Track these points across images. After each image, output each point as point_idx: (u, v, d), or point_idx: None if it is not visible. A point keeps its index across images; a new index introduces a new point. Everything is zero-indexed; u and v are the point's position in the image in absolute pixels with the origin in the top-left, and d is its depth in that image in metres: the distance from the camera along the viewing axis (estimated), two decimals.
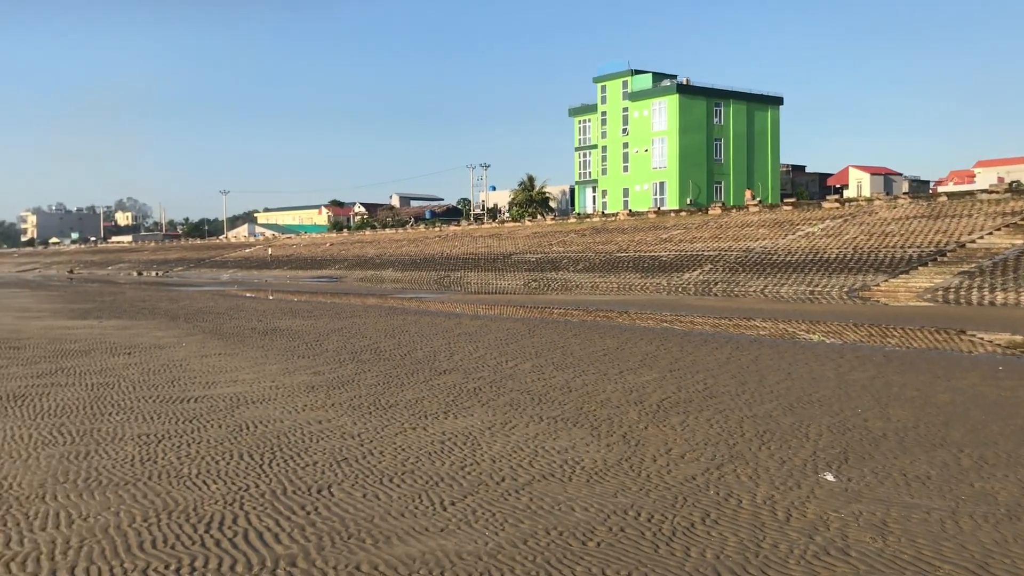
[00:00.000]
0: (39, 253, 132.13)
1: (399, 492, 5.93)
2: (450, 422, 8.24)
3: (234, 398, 9.64)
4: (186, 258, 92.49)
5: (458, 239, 67.66)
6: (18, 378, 11.29)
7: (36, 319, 21.89)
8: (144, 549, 4.84)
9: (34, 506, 5.64)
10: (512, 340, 15.59)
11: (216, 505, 5.65)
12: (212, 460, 6.84)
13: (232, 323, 20.06)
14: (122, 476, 6.37)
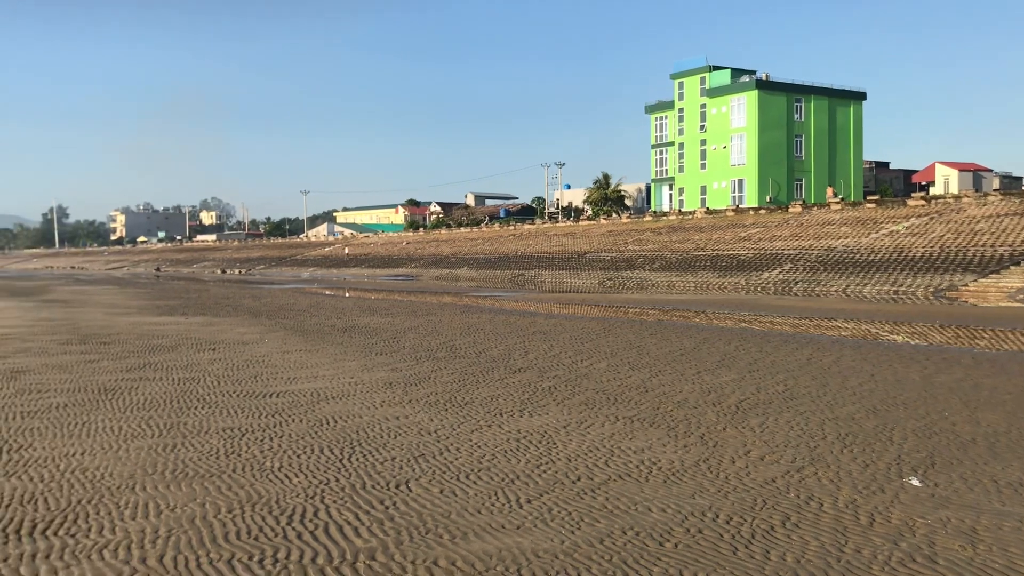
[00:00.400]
0: (127, 251, 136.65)
1: (475, 489, 5.98)
2: (525, 420, 8.27)
3: (315, 393, 9.83)
4: (267, 256, 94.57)
5: (532, 238, 67.73)
6: (109, 372, 11.71)
7: (125, 315, 22.66)
8: (229, 540, 4.97)
9: (125, 496, 5.85)
10: (587, 339, 15.55)
11: (298, 498, 5.77)
12: (294, 454, 6.99)
13: (312, 320, 20.45)
14: (208, 468, 6.56)
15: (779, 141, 72.14)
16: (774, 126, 71.81)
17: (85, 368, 12.07)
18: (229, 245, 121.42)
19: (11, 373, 11.59)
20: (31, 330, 18.09)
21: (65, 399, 9.59)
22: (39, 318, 21.55)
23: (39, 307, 26.19)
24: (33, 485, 6.13)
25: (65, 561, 4.67)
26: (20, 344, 15.24)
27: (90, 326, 19.02)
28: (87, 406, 9.17)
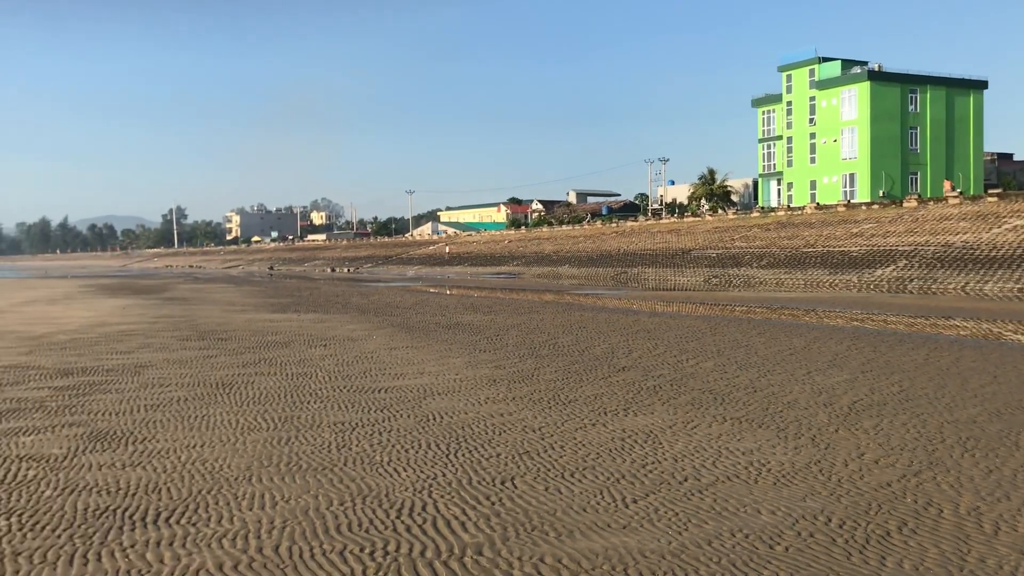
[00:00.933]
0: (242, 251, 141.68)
1: (580, 487, 5.97)
2: (630, 419, 8.21)
3: (421, 389, 9.99)
4: (375, 255, 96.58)
5: (635, 235, 67.18)
6: (226, 367, 12.16)
7: (241, 312, 23.49)
8: (341, 532, 5.11)
9: (242, 487, 6.07)
10: (692, 338, 15.34)
11: (406, 492, 5.88)
12: (402, 448, 7.13)
13: (418, 317, 20.79)
14: (320, 461, 6.75)
15: (892, 133, 69.62)
16: (887, 118, 69.33)
17: (204, 363, 12.57)
18: (338, 244, 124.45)
19: (135, 368, 12.16)
20: (153, 326, 18.95)
21: (185, 393, 10.01)
22: (160, 315, 22.55)
23: (160, 304, 27.40)
24: (156, 475, 6.42)
25: (187, 549, 4.87)
26: (143, 340, 15.98)
27: (208, 323, 19.80)
28: (206, 400, 9.55)
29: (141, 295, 34.17)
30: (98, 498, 5.84)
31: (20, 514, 5.52)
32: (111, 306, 26.76)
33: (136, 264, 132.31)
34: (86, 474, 6.47)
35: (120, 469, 6.59)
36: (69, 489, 6.07)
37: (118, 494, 5.93)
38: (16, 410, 9.05)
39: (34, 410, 9.04)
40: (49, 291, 39.11)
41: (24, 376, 11.44)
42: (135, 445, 7.38)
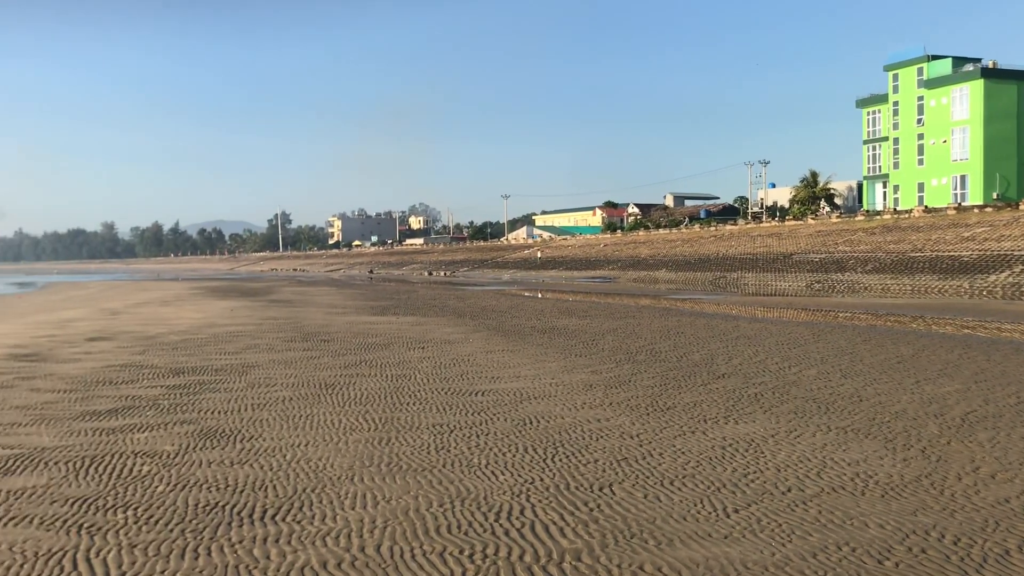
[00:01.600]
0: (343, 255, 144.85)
1: (680, 495, 5.89)
2: (730, 427, 8.06)
3: (517, 393, 10.03)
4: (470, 259, 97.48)
5: (734, 238, 65.99)
6: (329, 368, 12.45)
7: (342, 315, 24.02)
8: (440, 533, 5.16)
9: (344, 486, 6.20)
10: (794, 345, 14.97)
11: (504, 495, 5.91)
12: (499, 452, 7.16)
13: (513, 321, 20.88)
14: (419, 463, 6.84)
15: (1007, 134, 66.53)
16: (1002, 117, 66.30)
17: (307, 364, 12.89)
18: (435, 248, 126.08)
19: (242, 368, 12.55)
20: (259, 328, 19.54)
21: (290, 393, 10.28)
22: (266, 316, 23.24)
23: (266, 306, 28.24)
24: (263, 473, 6.61)
25: (292, 546, 5.00)
26: (250, 341, 16.49)
27: (311, 325, 20.31)
28: (309, 400, 9.79)
29: (248, 297, 35.28)
30: (208, 494, 6.05)
31: (135, 508, 5.76)
32: (220, 308, 27.71)
33: (243, 267, 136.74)
34: (196, 470, 6.71)
35: (228, 466, 6.82)
36: (181, 485, 6.30)
37: (227, 490, 6.13)
38: (131, 407, 9.45)
39: (148, 408, 9.43)
40: (161, 293, 40.77)
41: (138, 375, 11.94)
42: (242, 443, 7.62)
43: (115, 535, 5.22)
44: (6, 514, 5.66)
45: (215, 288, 46.81)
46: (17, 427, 8.43)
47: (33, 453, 7.33)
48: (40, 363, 13.34)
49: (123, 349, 15.26)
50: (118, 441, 7.77)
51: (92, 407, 9.49)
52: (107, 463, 6.97)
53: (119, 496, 6.04)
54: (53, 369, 12.60)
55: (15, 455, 7.27)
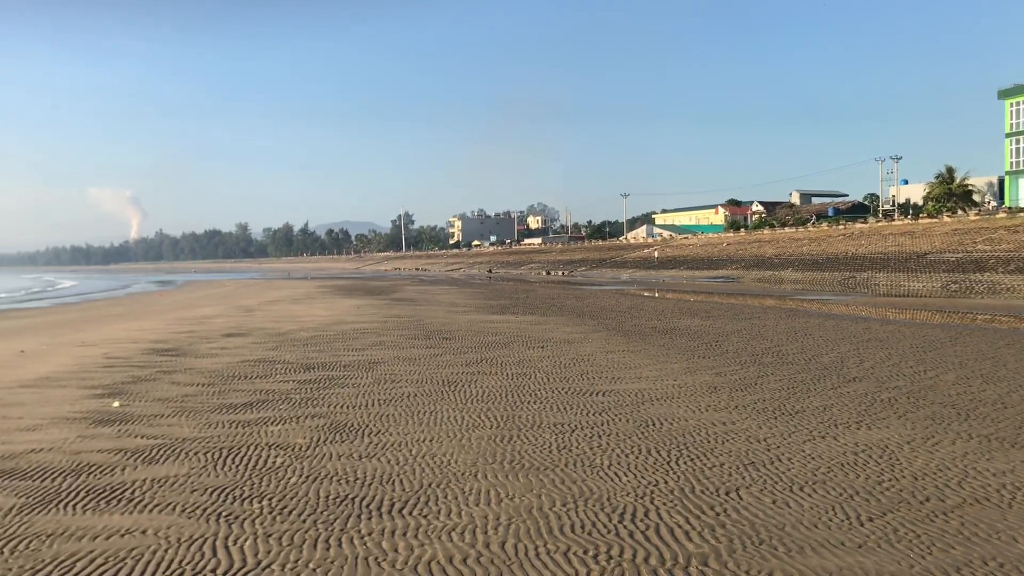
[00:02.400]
0: (463, 255, 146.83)
1: (810, 502, 5.71)
2: (863, 433, 7.76)
3: (639, 394, 9.93)
4: (588, 259, 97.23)
5: (864, 237, 63.58)
6: (451, 366, 12.62)
7: (463, 313, 24.34)
8: (564, 532, 5.16)
9: (469, 483, 6.27)
10: (930, 348, 14.31)
11: (628, 497, 5.85)
12: (622, 453, 7.10)
13: (633, 321, 20.70)
14: (541, 461, 6.86)
15: None
16: None
17: (430, 361, 13.11)
18: (553, 248, 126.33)
19: (369, 364, 12.87)
20: (384, 325, 20.01)
21: (414, 389, 10.48)
22: (390, 315, 23.78)
23: (390, 305, 28.89)
24: (390, 467, 6.75)
25: (419, 540, 5.09)
26: (376, 338, 16.90)
27: (433, 323, 20.66)
28: (433, 396, 9.95)
29: (373, 296, 36.19)
30: (338, 486, 6.23)
31: (270, 498, 5.98)
32: (346, 306, 28.52)
33: (368, 267, 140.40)
34: (327, 463, 6.91)
35: (357, 460, 7.00)
36: (312, 477, 6.51)
37: (356, 483, 6.30)
38: (265, 401, 9.82)
39: (280, 402, 9.78)
40: (292, 291, 42.27)
41: (272, 370, 12.40)
42: (370, 437, 7.81)
43: (251, 524, 5.43)
44: (151, 501, 5.96)
45: (342, 287, 48.21)
46: (159, 419, 8.88)
47: (174, 443, 7.71)
48: (180, 358, 14.02)
49: (257, 345, 15.88)
50: (253, 433, 8.08)
51: (228, 400, 9.91)
52: (243, 454, 7.26)
53: (254, 486, 6.28)
54: (192, 364, 13.22)
55: (158, 445, 7.65)
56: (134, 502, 5.92)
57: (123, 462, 7.04)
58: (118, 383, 11.25)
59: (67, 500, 5.99)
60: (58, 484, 6.40)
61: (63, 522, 5.52)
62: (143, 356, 14.30)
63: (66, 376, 12.02)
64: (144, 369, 12.61)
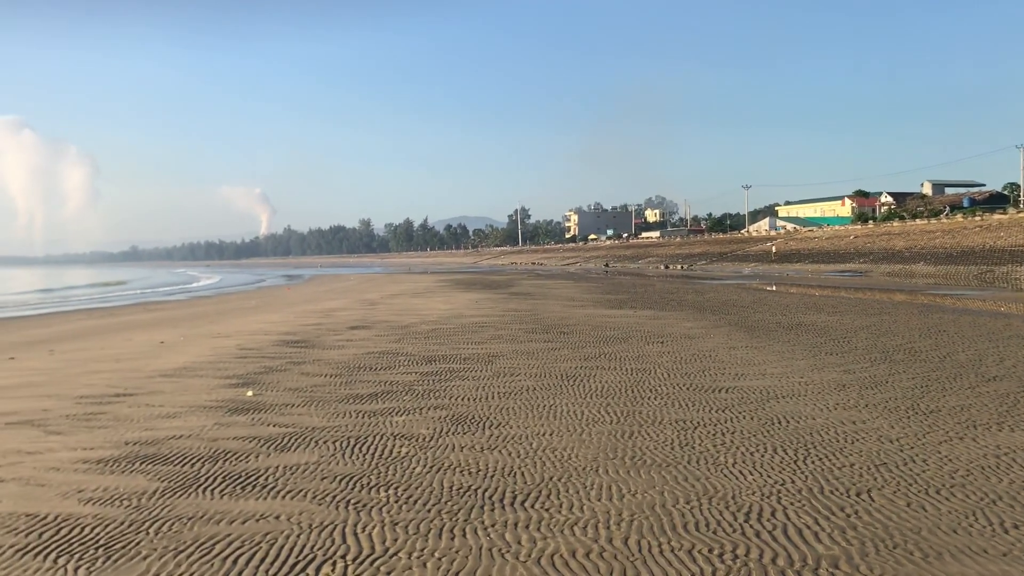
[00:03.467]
0: (579, 248, 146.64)
1: (948, 506, 5.46)
2: (1005, 435, 7.37)
3: (763, 391, 9.70)
4: (708, 252, 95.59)
5: (1004, 229, 60.26)
6: (569, 360, 12.63)
7: (580, 308, 24.31)
8: (688, 530, 5.09)
9: (590, 477, 6.26)
10: None
11: (753, 496, 5.73)
12: (746, 451, 6.96)
13: (756, 316, 20.23)
14: (663, 458, 6.78)
15: None
16: None
17: (548, 355, 13.15)
18: (671, 241, 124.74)
19: (488, 357, 13.01)
20: (502, 319, 20.18)
21: (533, 383, 10.53)
22: (508, 308, 23.96)
23: (507, 299, 29.12)
24: (511, 460, 6.81)
25: (541, 532, 5.12)
26: (494, 332, 17.07)
27: (550, 317, 20.71)
28: (552, 390, 9.98)
29: (490, 290, 36.56)
30: (461, 477, 6.32)
31: (396, 487, 6.12)
32: (465, 300, 28.91)
33: (485, 261, 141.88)
34: (450, 454, 7.03)
35: (479, 451, 7.09)
36: (436, 467, 6.63)
37: (478, 475, 6.38)
38: (389, 392, 10.06)
39: (404, 393, 10.00)
40: (412, 285, 43.13)
41: (395, 362, 12.69)
42: (491, 430, 7.90)
43: (378, 512, 5.57)
44: (283, 487, 6.19)
45: (460, 281, 48.87)
46: (290, 408, 9.22)
47: (304, 432, 7.98)
48: (308, 349, 14.51)
49: (380, 337, 16.28)
50: (378, 423, 8.29)
51: (355, 391, 10.19)
52: (369, 444, 7.46)
53: (381, 475, 6.44)
54: (320, 355, 13.66)
55: (289, 433, 7.94)
56: (267, 488, 6.17)
57: (257, 449, 7.34)
58: (251, 373, 11.73)
59: (205, 485, 6.29)
60: (197, 469, 6.72)
61: (202, 506, 5.79)
62: (274, 347, 14.86)
63: (203, 366, 12.61)
64: (275, 360, 13.10)
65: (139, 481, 6.40)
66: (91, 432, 8.14)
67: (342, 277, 68.61)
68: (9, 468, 6.85)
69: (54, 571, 4.70)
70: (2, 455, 7.30)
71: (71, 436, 7.99)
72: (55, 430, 8.28)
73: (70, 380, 11.64)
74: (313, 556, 4.84)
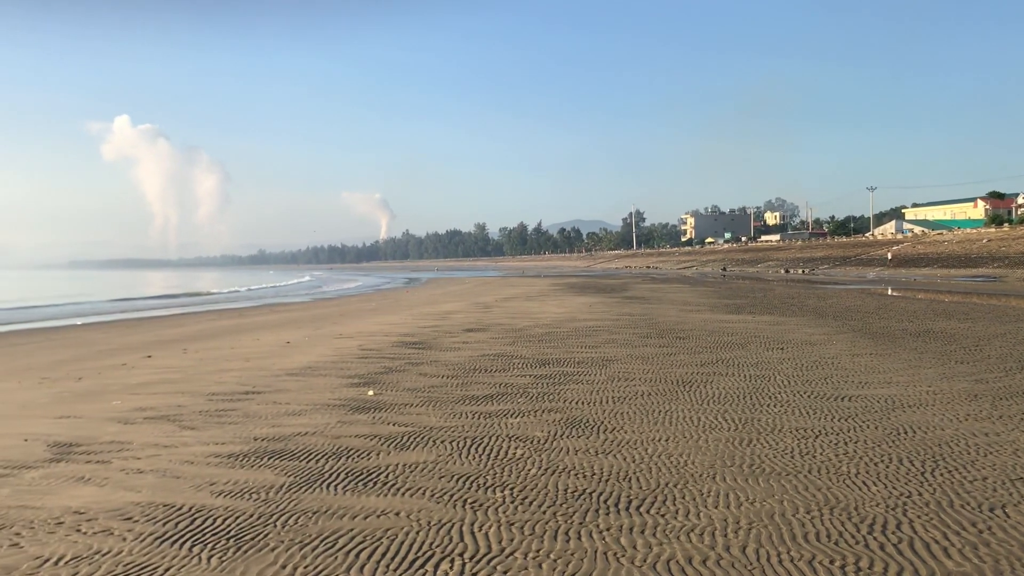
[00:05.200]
0: (695, 252, 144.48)
1: None
2: None
3: (889, 400, 9.37)
4: (831, 256, 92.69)
5: None
6: (684, 365, 12.49)
7: (696, 312, 23.97)
8: (808, 540, 4.98)
9: (707, 484, 6.19)
10: None
11: (877, 507, 5.56)
12: (870, 461, 6.74)
13: (881, 322, 19.53)
14: (783, 467, 6.64)
15: None
16: None
17: (663, 360, 13.04)
18: (792, 245, 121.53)
19: (602, 361, 12.99)
20: (616, 323, 20.10)
21: (648, 388, 10.47)
22: (622, 312, 23.85)
23: (621, 303, 28.98)
24: (626, 464, 6.80)
25: (657, 538, 5.10)
26: (608, 336, 17.03)
27: (666, 321, 20.51)
28: (667, 396, 9.90)
29: (604, 293, 36.44)
30: (576, 480, 6.35)
31: (512, 488, 6.20)
32: (578, 303, 28.91)
33: (598, 265, 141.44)
34: (564, 457, 7.07)
35: (593, 455, 7.10)
36: (551, 470, 6.67)
37: (592, 478, 6.39)
38: (504, 394, 10.17)
39: (518, 395, 10.09)
40: (526, 289, 43.40)
41: (510, 364, 12.82)
42: (605, 434, 7.89)
43: (495, 512, 5.66)
44: (403, 485, 6.36)
45: (573, 284, 48.90)
46: (409, 407, 9.44)
47: (423, 431, 8.16)
48: (426, 350, 14.80)
49: (495, 340, 16.46)
50: (494, 424, 8.40)
51: (471, 392, 10.35)
52: (485, 444, 7.57)
53: (497, 476, 6.53)
54: (437, 356, 13.92)
55: (408, 432, 8.14)
56: (388, 485, 6.34)
57: (378, 447, 7.55)
58: (372, 373, 12.07)
59: (329, 480, 6.51)
60: (321, 465, 6.97)
61: (326, 501, 6.00)
62: (393, 348, 15.23)
63: (326, 365, 13.04)
64: (394, 360, 13.43)
65: (267, 475, 6.68)
66: (222, 428, 8.54)
67: (458, 280, 69.63)
68: (148, 460, 7.26)
69: (189, 559, 4.96)
70: (141, 447, 7.73)
71: (204, 431, 8.40)
72: (189, 425, 8.73)
73: (202, 378, 12.22)
74: (432, 553, 4.96)
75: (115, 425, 8.82)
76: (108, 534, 5.37)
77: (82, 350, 17.72)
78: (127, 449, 7.69)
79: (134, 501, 6.05)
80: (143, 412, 9.53)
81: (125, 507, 5.91)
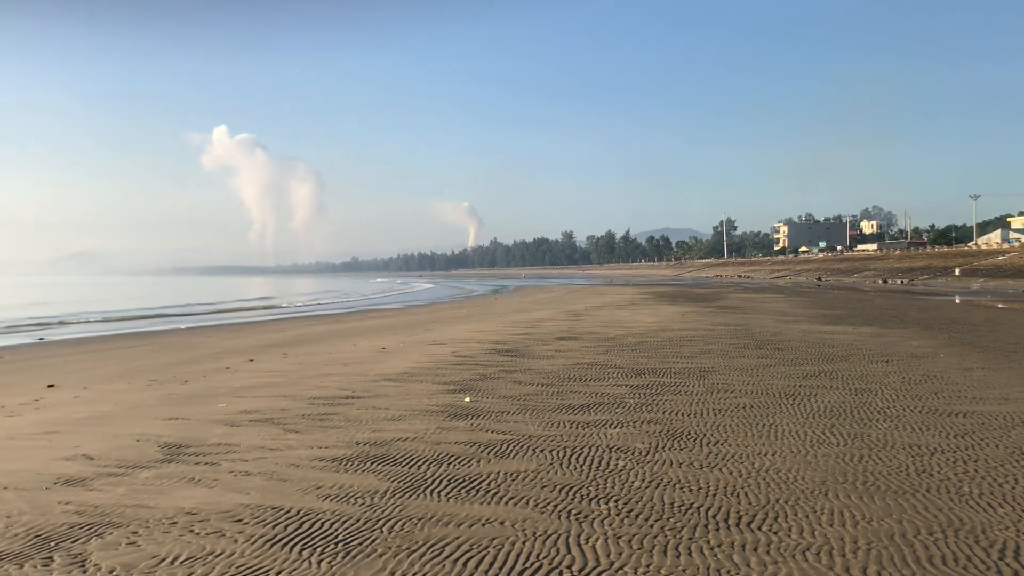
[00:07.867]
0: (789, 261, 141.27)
1: None
2: None
3: (1007, 417, 8.93)
4: (931, 266, 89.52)
5: None
6: (786, 377, 12.16)
7: (794, 323, 23.38)
8: (934, 564, 4.75)
9: (819, 501, 5.98)
10: None
11: (1007, 531, 5.27)
12: (993, 481, 6.42)
13: (991, 335, 18.70)
14: (898, 484, 6.38)
15: None
16: None
17: (763, 372, 12.72)
18: (890, 255, 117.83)
19: (699, 372, 12.76)
20: (711, 333, 19.75)
21: (749, 400, 10.21)
22: (716, 322, 23.43)
23: (715, 312, 28.49)
24: (733, 479, 6.62)
25: (772, 556, 4.93)
26: (703, 346, 16.73)
27: (763, 332, 20.05)
28: (770, 408, 9.64)
29: (696, 302, 35.91)
30: (681, 494, 6.21)
31: (616, 500, 6.10)
32: (670, 312, 28.54)
33: (688, 273, 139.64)
34: (668, 470, 6.93)
35: (698, 468, 6.94)
36: (655, 483, 6.55)
37: (699, 492, 6.25)
38: (601, 404, 10.06)
39: (616, 405, 9.97)
40: (615, 297, 43.09)
41: (604, 373, 12.70)
42: (708, 447, 7.72)
43: (600, 524, 5.57)
44: (505, 493, 6.32)
45: (663, 293, 48.33)
46: (506, 415, 9.41)
47: (522, 440, 8.12)
48: (519, 358, 14.79)
49: (588, 348, 16.35)
50: (593, 435, 8.31)
51: (567, 401, 10.28)
52: (586, 455, 7.49)
53: (600, 487, 6.44)
54: (530, 364, 13.89)
55: (507, 440, 8.11)
56: (490, 493, 6.32)
57: (478, 454, 7.55)
58: (467, 380, 12.11)
59: (432, 487, 6.52)
60: (423, 471, 6.99)
61: (430, 507, 6.01)
62: (486, 355, 15.27)
63: (422, 371, 13.14)
64: (488, 368, 13.45)
65: (371, 480, 6.73)
66: (325, 431, 8.67)
67: (546, 288, 69.66)
68: (255, 463, 7.40)
69: (299, 563, 5.01)
70: (248, 450, 7.90)
71: (307, 435, 8.54)
72: (293, 428, 8.89)
73: (303, 382, 12.46)
74: (539, 565, 4.90)
75: (221, 427, 9.05)
76: (220, 535, 5.48)
77: (187, 353, 18.31)
78: (234, 451, 7.87)
79: (243, 503, 6.17)
80: (248, 415, 9.75)
81: (235, 509, 6.03)
